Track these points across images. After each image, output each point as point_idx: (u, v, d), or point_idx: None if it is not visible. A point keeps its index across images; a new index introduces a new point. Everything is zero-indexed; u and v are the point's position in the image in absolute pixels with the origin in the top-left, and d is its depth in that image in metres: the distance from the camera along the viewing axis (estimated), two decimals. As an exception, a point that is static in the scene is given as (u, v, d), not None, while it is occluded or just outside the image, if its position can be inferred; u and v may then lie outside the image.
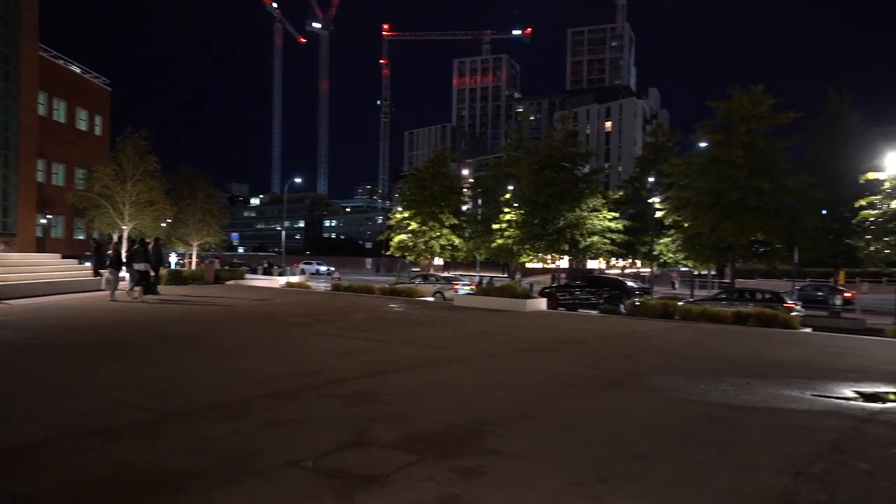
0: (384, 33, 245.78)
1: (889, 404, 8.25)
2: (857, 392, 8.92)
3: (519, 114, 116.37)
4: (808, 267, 36.93)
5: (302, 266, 69.31)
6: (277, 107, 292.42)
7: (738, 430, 6.80)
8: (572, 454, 5.67)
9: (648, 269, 44.92)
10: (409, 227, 42.83)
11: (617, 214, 37.05)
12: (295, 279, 37.11)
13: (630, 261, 45.69)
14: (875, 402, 8.33)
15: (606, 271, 59.25)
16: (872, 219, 25.78)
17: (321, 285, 35.97)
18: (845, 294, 31.11)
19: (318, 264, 78.76)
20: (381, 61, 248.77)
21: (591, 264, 64.53)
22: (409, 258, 46.48)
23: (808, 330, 18.35)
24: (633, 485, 4.93)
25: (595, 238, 35.74)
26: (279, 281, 34.95)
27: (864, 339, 16.51)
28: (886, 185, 24.54)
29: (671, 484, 5.00)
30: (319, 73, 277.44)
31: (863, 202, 25.90)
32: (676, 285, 52.97)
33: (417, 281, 33.70)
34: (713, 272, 46.95)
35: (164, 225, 36.58)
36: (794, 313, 21.71)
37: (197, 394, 7.73)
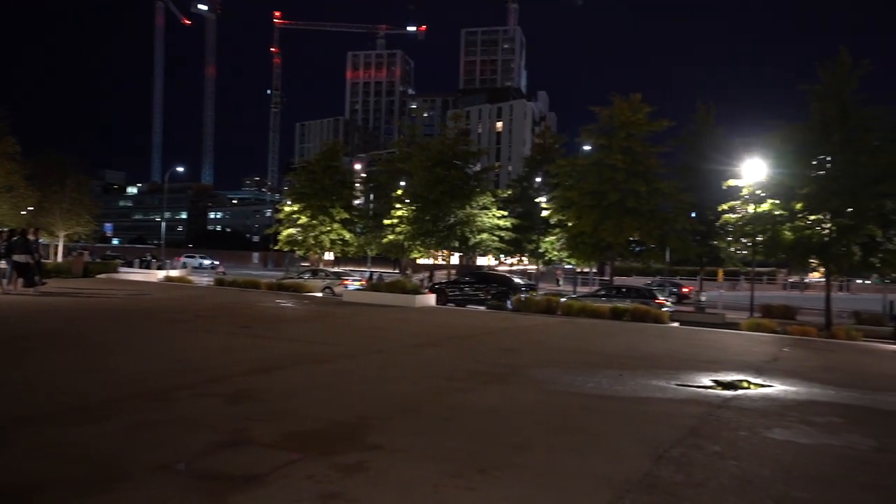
0: (275, 21, 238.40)
1: (740, 391, 9.05)
2: (714, 381, 9.72)
3: (413, 110, 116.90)
4: (678, 265, 39.77)
5: (183, 259, 66.00)
6: (158, 91, 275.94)
7: (610, 418, 7.22)
8: (454, 447, 5.78)
9: (535, 267, 46.53)
10: (299, 221, 41.86)
11: (506, 213, 38.06)
12: (175, 273, 35.27)
13: (518, 258, 47.11)
14: (729, 389, 9.12)
15: (496, 268, 60.77)
16: (732, 222, 28.07)
17: (204, 280, 34.41)
18: (683, 290, 33.51)
19: (202, 258, 75.32)
20: (272, 49, 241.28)
21: (483, 261, 65.96)
22: (298, 253, 45.46)
23: (676, 324, 19.74)
24: (509, 474, 5.10)
25: (484, 235, 36.54)
26: (158, 275, 33.10)
27: (723, 332, 18.00)
28: (744, 191, 26.78)
29: (545, 472, 5.22)
30: (206, 58, 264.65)
31: (724, 207, 28.14)
32: (561, 282, 55.25)
33: (306, 276, 33.04)
34: (594, 269, 49.42)
35: (24, 213, 33.52)
36: (664, 309, 23.27)
37: (58, 396, 7.16)
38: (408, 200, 38.23)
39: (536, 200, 40.32)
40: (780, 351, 13.87)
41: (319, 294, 29.14)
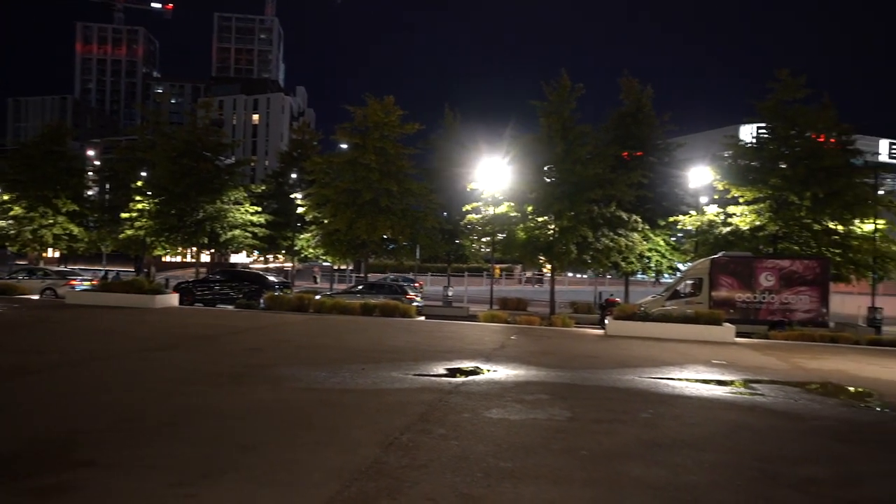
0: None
1: (469, 377, 9.89)
2: (448, 369, 10.51)
3: (158, 95, 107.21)
4: (427, 262, 42.11)
5: None
6: None
7: (347, 411, 7.39)
8: (177, 454, 5.45)
9: (291, 264, 45.72)
10: (11, 213, 35.93)
11: (259, 209, 36.78)
12: None
13: (273, 255, 45.85)
14: (459, 376, 9.92)
15: (252, 266, 58.47)
16: (475, 222, 30.57)
17: None
18: (416, 284, 35.95)
19: None
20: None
21: (239, 258, 62.94)
22: (10, 250, 39.00)
23: (423, 318, 20.88)
24: (236, 476, 4.97)
25: (237, 232, 34.91)
26: None
27: (464, 324, 19.48)
28: (485, 193, 29.38)
29: (275, 470, 5.18)
30: None
31: (468, 207, 30.53)
32: (318, 279, 55.06)
33: (21, 276, 28.52)
34: (351, 267, 50.09)
35: None
36: (414, 304, 24.47)
37: None
38: (150, 193, 34.97)
39: (292, 197, 39.62)
40: (507, 339, 15.46)
41: (37, 296, 25.36)
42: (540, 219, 27.25)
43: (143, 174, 38.44)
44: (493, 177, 28.64)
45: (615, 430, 6.97)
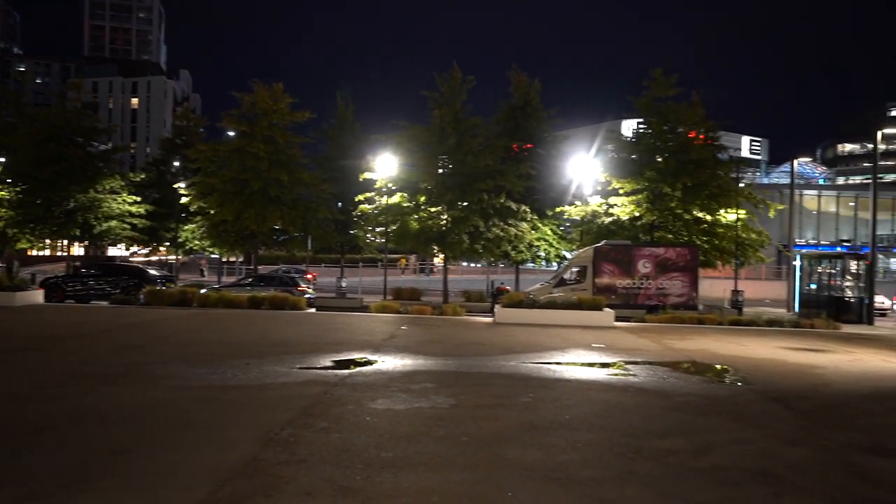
0: None
1: (357, 369, 9.86)
2: (336, 361, 10.42)
3: (19, 73, 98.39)
4: (321, 253, 41.37)
5: None
6: None
7: (228, 408, 7.17)
8: (32, 465, 5.08)
9: (175, 257, 43.48)
10: None
11: (139, 198, 34.69)
12: None
13: (155, 247, 43.40)
14: (347, 368, 9.86)
15: (132, 259, 55.07)
16: (368, 213, 30.37)
17: None
18: (308, 275, 35.54)
19: None
20: None
21: (118, 251, 59.07)
22: None
23: (313, 310, 20.53)
24: (100, 483, 4.70)
25: (113, 223, 32.78)
26: None
27: (356, 315, 19.33)
28: (378, 183, 29.22)
29: (144, 474, 4.94)
30: None
31: (361, 197, 30.27)
32: (205, 272, 52.72)
33: None
34: (241, 259, 48.35)
35: None
36: (306, 296, 23.98)
37: None
38: (10, 180, 32.08)
39: (175, 186, 37.62)
40: (398, 329, 15.51)
41: None
42: (433, 209, 27.51)
43: (2, 160, 35.15)
44: (386, 167, 28.53)
45: (496, 416, 7.19)
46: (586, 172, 30.06)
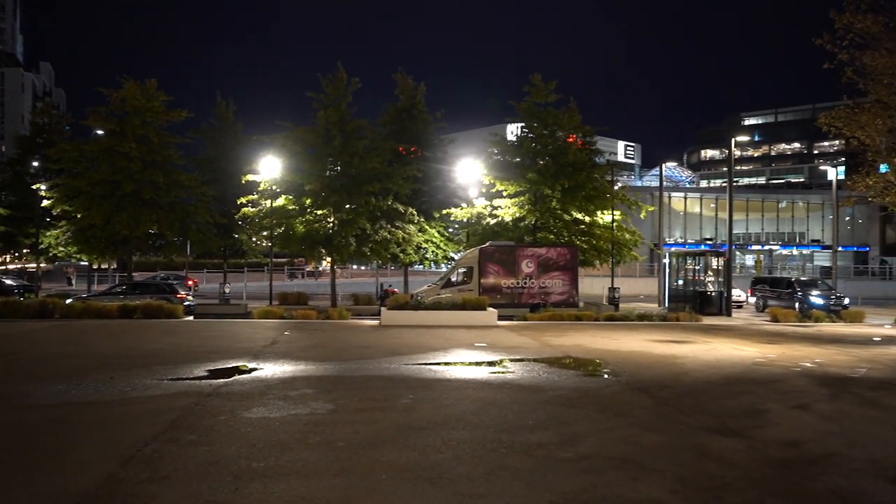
0: None
1: (233, 378, 9.50)
2: (211, 371, 9.99)
3: None
4: (202, 259, 39.50)
5: None
6: None
7: (85, 427, 6.69)
8: None
9: (36, 265, 39.97)
10: None
11: (-8, 202, 31.68)
12: None
13: (13, 255, 39.76)
14: (222, 377, 9.49)
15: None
16: (252, 216, 29.36)
17: None
18: (188, 282, 34.24)
19: None
20: None
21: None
22: None
23: (191, 318, 19.61)
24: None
25: (-41, 228, 29.73)
26: None
27: (237, 322, 18.65)
28: (262, 186, 28.32)
29: (-21, 504, 4.51)
30: None
31: (244, 200, 29.22)
32: (73, 280, 48.86)
33: None
34: (115, 266, 45.23)
35: None
36: (185, 303, 22.84)
37: None
38: None
39: (35, 188, 34.60)
40: (281, 335, 15.12)
41: None
42: (319, 211, 27.02)
43: None
44: (270, 169, 27.71)
45: (374, 419, 7.18)
46: (472, 175, 30.69)
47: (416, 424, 6.93)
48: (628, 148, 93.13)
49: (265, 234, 29.80)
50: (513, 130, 41.83)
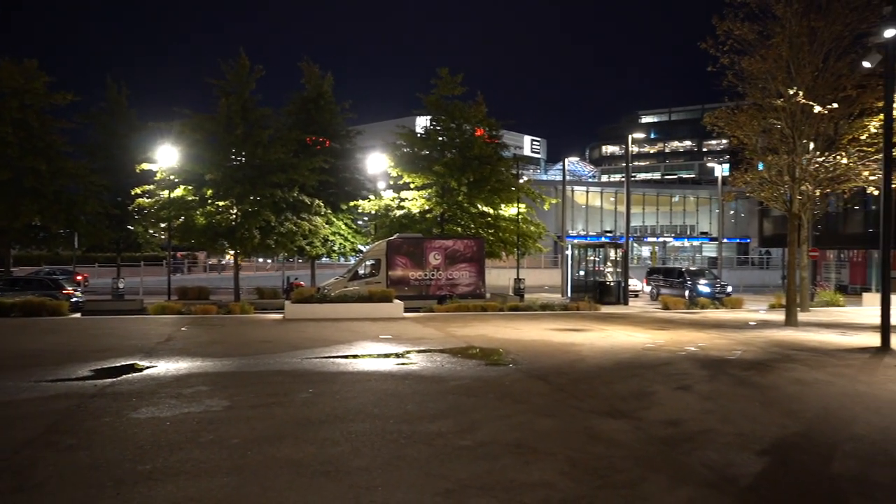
0: None
1: (121, 377, 9.02)
2: (96, 370, 9.44)
3: None
4: (93, 252, 37.05)
5: None
6: None
7: (-51, 435, 6.15)
8: None
9: None
10: None
11: None
12: None
13: None
14: (109, 377, 8.98)
15: None
16: (148, 206, 27.88)
17: None
18: (77, 277, 32.45)
19: None
20: None
21: None
22: None
23: (78, 315, 18.45)
24: None
25: None
26: None
27: (130, 318, 17.70)
28: (159, 175, 26.95)
29: None
30: None
31: (138, 190, 27.70)
32: (-58, 277, 44.73)
33: None
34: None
35: None
36: (72, 300, 21.44)
37: None
38: None
39: None
40: (177, 331, 14.48)
41: None
42: (221, 203, 26.04)
43: None
44: (168, 157, 26.39)
45: (272, 414, 7.04)
46: (381, 167, 30.50)
47: (315, 418, 6.84)
48: (534, 142, 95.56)
49: (163, 226, 28.39)
50: (422, 123, 41.97)
